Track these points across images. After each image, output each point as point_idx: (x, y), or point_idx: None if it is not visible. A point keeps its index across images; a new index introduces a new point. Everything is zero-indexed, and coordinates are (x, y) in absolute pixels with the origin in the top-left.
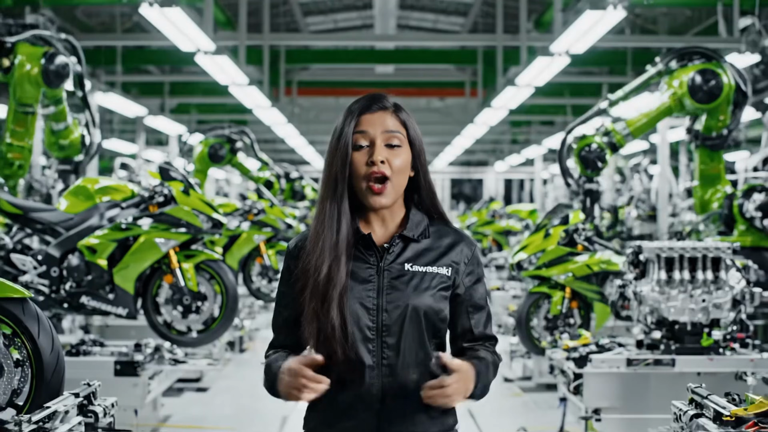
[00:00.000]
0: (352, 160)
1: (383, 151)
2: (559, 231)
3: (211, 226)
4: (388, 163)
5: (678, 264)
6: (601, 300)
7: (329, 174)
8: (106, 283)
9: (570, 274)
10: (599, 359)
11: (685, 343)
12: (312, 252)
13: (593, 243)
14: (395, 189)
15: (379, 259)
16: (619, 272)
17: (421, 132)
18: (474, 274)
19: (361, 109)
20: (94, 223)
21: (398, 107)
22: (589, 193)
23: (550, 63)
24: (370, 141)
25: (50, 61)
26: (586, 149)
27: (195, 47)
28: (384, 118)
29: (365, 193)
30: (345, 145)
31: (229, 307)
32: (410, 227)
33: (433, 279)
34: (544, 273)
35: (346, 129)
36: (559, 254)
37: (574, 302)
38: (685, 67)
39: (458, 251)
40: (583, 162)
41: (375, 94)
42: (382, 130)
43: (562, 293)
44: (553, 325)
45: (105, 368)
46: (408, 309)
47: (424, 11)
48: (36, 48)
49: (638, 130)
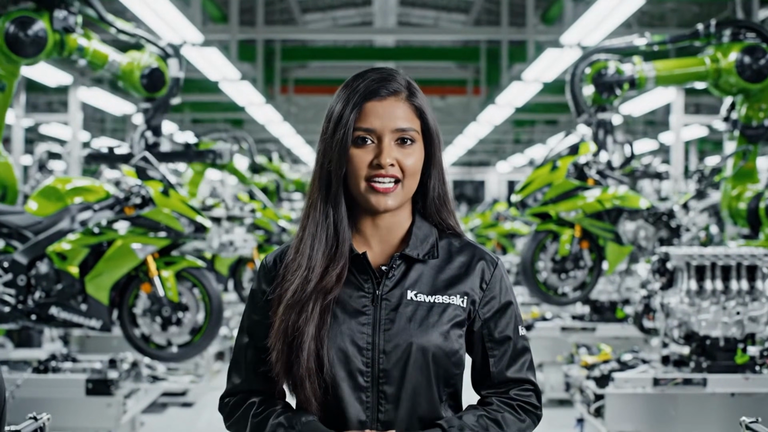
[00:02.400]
0: (351, 157)
1: (392, 151)
2: (567, 162)
3: (194, 230)
4: (398, 164)
5: (710, 273)
6: (615, 240)
7: (322, 169)
8: (77, 293)
9: (580, 210)
10: (622, 378)
11: (718, 361)
12: (293, 267)
13: (606, 177)
14: (405, 192)
15: (375, 286)
16: (635, 210)
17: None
18: (496, 301)
19: (366, 93)
20: (64, 227)
21: (412, 90)
22: (602, 123)
23: (560, 56)
24: (376, 137)
25: (21, 28)
26: (602, 71)
27: (181, 39)
28: (395, 109)
29: (364, 194)
30: (343, 138)
31: (213, 319)
32: (414, 244)
33: (443, 311)
34: (551, 209)
35: (346, 117)
36: (567, 188)
37: (585, 242)
38: (737, 42)
39: (476, 274)
40: (597, 86)
41: (384, 71)
42: (392, 127)
43: (571, 232)
44: (562, 267)
45: (75, 387)
46: (412, 350)
47: (425, 8)
48: None
49: (664, 78)
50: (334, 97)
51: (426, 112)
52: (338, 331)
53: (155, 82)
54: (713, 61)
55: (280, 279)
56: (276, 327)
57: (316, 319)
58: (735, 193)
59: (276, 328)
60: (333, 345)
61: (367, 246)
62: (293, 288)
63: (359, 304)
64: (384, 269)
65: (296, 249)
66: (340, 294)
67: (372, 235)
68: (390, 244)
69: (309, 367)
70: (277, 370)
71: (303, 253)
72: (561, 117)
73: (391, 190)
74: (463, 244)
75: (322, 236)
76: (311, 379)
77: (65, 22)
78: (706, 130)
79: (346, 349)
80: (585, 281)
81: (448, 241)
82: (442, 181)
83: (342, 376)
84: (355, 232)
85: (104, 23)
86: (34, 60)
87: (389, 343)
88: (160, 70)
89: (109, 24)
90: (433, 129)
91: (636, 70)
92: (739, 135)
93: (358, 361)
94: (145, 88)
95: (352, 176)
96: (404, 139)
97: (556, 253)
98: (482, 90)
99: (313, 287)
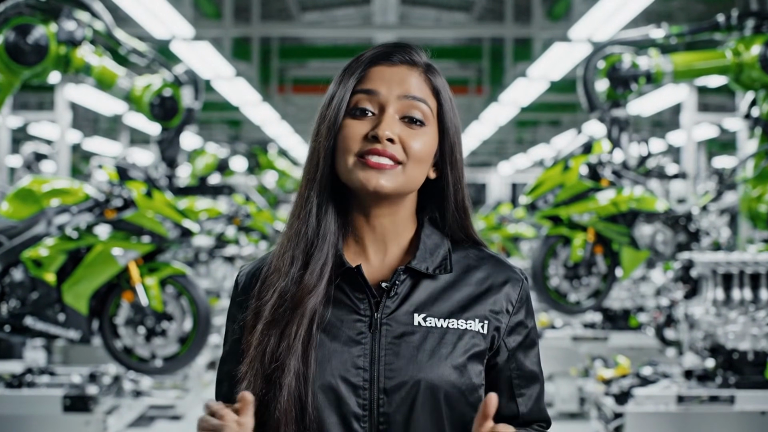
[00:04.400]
0: (343, 127)
1: (395, 124)
2: (580, 162)
3: (180, 234)
4: (401, 142)
5: (737, 281)
6: (630, 244)
7: (312, 150)
8: (54, 302)
9: (593, 213)
10: (644, 395)
11: (746, 376)
12: (272, 277)
13: (621, 177)
14: (406, 178)
15: (374, 307)
16: (652, 213)
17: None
18: (523, 327)
19: (374, 56)
20: (40, 232)
21: (432, 68)
22: (616, 120)
23: (568, 52)
24: (378, 106)
25: (21, 35)
26: (616, 65)
27: (170, 34)
28: (407, 76)
29: (352, 170)
30: (338, 106)
31: (201, 330)
32: (422, 255)
33: (459, 339)
34: (563, 212)
35: (345, 82)
36: (580, 190)
37: (599, 247)
38: (760, 34)
39: (499, 293)
40: (612, 80)
41: (406, 45)
42: (400, 92)
43: (583, 236)
44: (574, 274)
45: (51, 404)
46: (419, 388)
47: (426, 6)
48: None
49: (682, 72)
50: (338, 74)
51: (443, 95)
52: (327, 364)
53: (167, 111)
54: (735, 54)
55: (253, 299)
56: (250, 353)
57: (299, 351)
58: (756, 194)
59: (250, 355)
60: (320, 382)
61: (363, 258)
62: (272, 302)
63: (353, 331)
64: (384, 286)
65: (278, 254)
66: (330, 317)
67: (369, 243)
68: (392, 255)
69: (287, 410)
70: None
71: (284, 256)
72: (563, 117)
73: (387, 169)
74: (483, 255)
75: (302, 230)
76: (289, 426)
77: (71, 34)
78: (716, 131)
79: (337, 387)
80: (598, 289)
81: (465, 252)
82: (458, 179)
83: (332, 422)
84: (348, 240)
85: (112, 40)
86: (34, 70)
87: (391, 380)
88: (173, 98)
89: (116, 42)
90: (451, 118)
91: (652, 63)
92: (761, 133)
93: (353, 403)
94: (156, 116)
95: (339, 153)
96: (413, 119)
97: (567, 259)
98: (485, 90)
99: (291, 299)
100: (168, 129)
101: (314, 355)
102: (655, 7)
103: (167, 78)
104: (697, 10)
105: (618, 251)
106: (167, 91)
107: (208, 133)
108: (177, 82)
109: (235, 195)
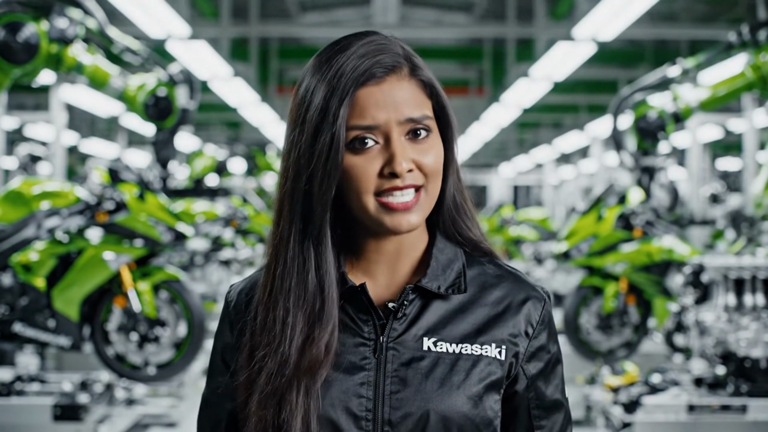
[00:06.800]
0: (348, 169)
1: (406, 151)
2: (614, 213)
3: (173, 238)
4: (416, 166)
5: (750, 286)
6: (663, 294)
7: (295, 188)
8: (44, 308)
9: (626, 263)
10: (653, 404)
11: (759, 384)
12: (263, 337)
13: (653, 226)
14: (430, 200)
15: (379, 330)
16: (684, 263)
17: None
18: (545, 352)
19: (357, 76)
20: (29, 235)
21: (414, 61)
22: (646, 169)
23: (572, 51)
24: (381, 136)
25: (12, 33)
26: (643, 118)
27: (165, 33)
28: (398, 91)
29: (375, 216)
30: (333, 145)
31: (195, 337)
32: (434, 272)
33: (473, 366)
34: (596, 262)
35: (333, 111)
36: (614, 240)
37: (631, 297)
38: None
39: (519, 315)
40: (641, 132)
41: (371, 39)
42: (400, 117)
43: (616, 286)
44: (607, 324)
45: (41, 412)
46: (429, 421)
47: (426, 6)
48: None
49: (710, 102)
50: (308, 76)
51: (436, 87)
52: (327, 395)
53: (161, 111)
54: (755, 69)
55: (246, 332)
56: (250, 426)
57: (302, 409)
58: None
59: (250, 427)
60: (318, 414)
61: (368, 275)
62: (267, 372)
63: (356, 356)
64: (391, 307)
65: (265, 306)
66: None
67: (376, 261)
68: (400, 272)
69: None
70: None
71: (276, 317)
72: (565, 118)
73: (413, 204)
74: (500, 272)
75: (300, 291)
76: None
77: (63, 32)
78: (721, 132)
79: (338, 420)
80: (629, 340)
81: (481, 268)
82: (457, 178)
83: None
84: (350, 257)
85: (105, 38)
86: (25, 69)
87: (398, 412)
88: (167, 98)
89: (109, 40)
90: (448, 108)
91: (678, 105)
92: None
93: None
94: (150, 116)
95: (352, 194)
96: (417, 131)
97: (600, 309)
98: (486, 90)
99: (294, 367)
100: (162, 129)
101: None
102: (659, 6)
103: (162, 77)
104: (701, 9)
105: (650, 301)
106: (162, 91)
107: (207, 134)
108: (172, 81)
109: (233, 197)
